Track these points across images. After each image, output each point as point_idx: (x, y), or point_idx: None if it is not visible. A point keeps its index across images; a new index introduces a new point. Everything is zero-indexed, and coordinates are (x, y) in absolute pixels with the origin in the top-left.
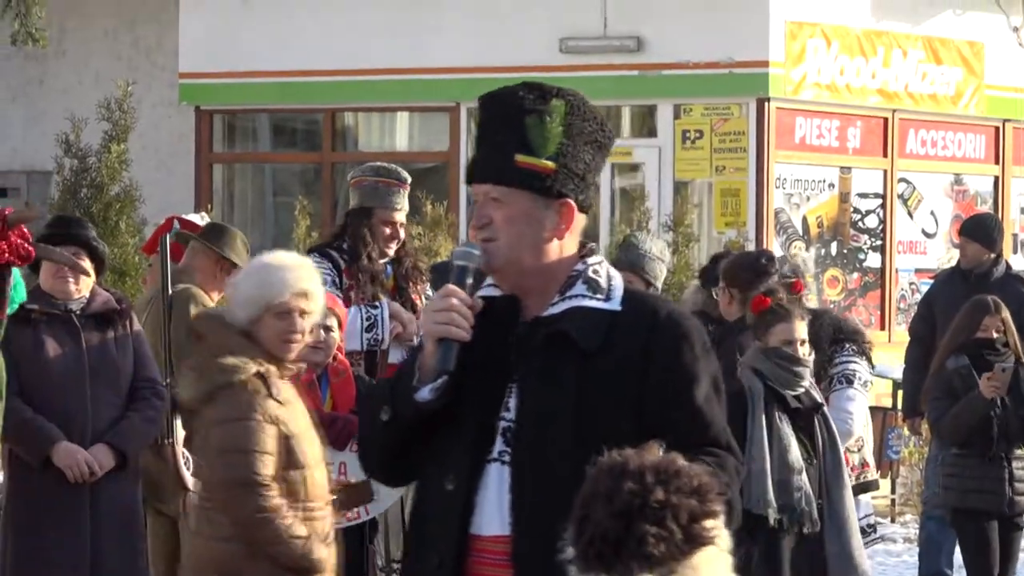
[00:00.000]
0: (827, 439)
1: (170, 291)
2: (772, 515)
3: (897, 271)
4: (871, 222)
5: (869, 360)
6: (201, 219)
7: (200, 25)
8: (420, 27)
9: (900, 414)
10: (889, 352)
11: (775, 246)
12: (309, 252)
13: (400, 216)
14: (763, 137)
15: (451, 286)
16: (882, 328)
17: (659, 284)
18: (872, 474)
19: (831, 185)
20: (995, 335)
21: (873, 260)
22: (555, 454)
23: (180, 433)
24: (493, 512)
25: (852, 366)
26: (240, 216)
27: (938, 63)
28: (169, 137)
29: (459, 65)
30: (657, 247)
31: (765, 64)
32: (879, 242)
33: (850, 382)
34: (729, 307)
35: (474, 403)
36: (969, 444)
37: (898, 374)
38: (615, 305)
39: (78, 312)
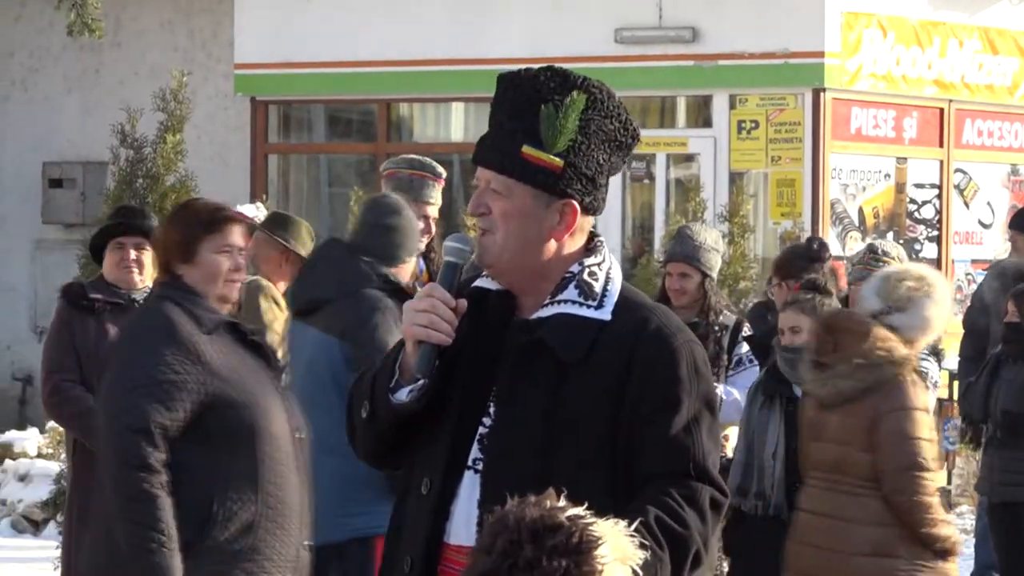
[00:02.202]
0: None
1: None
2: (741, 502)
3: (953, 262)
4: (927, 213)
5: (939, 361)
6: (256, 210)
7: (255, 16)
8: (476, 18)
9: (956, 405)
10: (945, 342)
11: (831, 237)
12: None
13: (433, 210)
14: (819, 127)
15: (435, 285)
16: None
17: (715, 274)
18: None
19: (887, 176)
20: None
21: (929, 251)
22: (519, 467)
23: None
24: (461, 521)
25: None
26: (295, 207)
27: (994, 53)
28: (224, 128)
29: (514, 56)
30: (712, 237)
31: (821, 55)
32: (935, 233)
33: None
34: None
35: (455, 406)
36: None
37: (954, 365)
38: (605, 314)
39: (141, 302)
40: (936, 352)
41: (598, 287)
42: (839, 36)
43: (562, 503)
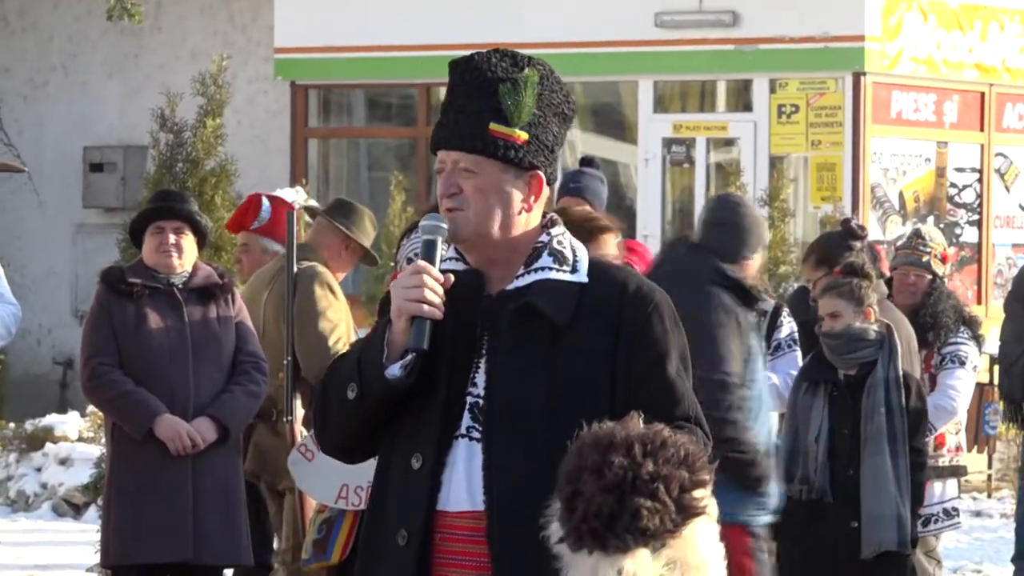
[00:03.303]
0: (871, 409)
1: (295, 268)
2: (787, 487)
3: (994, 246)
4: (968, 197)
5: (980, 347)
6: (296, 194)
7: (295, 0)
8: (516, 2)
9: (996, 389)
10: (986, 327)
11: (871, 221)
12: (412, 228)
13: None
14: (859, 111)
15: (422, 262)
16: (979, 303)
17: None
18: (964, 459)
19: (927, 160)
20: None
21: (970, 235)
22: (528, 430)
23: (299, 412)
24: (461, 488)
25: (964, 348)
26: (335, 191)
27: None
28: (264, 112)
29: (554, 40)
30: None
31: (861, 38)
32: (976, 217)
33: (962, 363)
34: None
35: (440, 379)
36: None
37: (995, 349)
38: (582, 277)
39: (180, 286)
40: (977, 337)
41: (569, 254)
42: (879, 20)
43: (645, 424)
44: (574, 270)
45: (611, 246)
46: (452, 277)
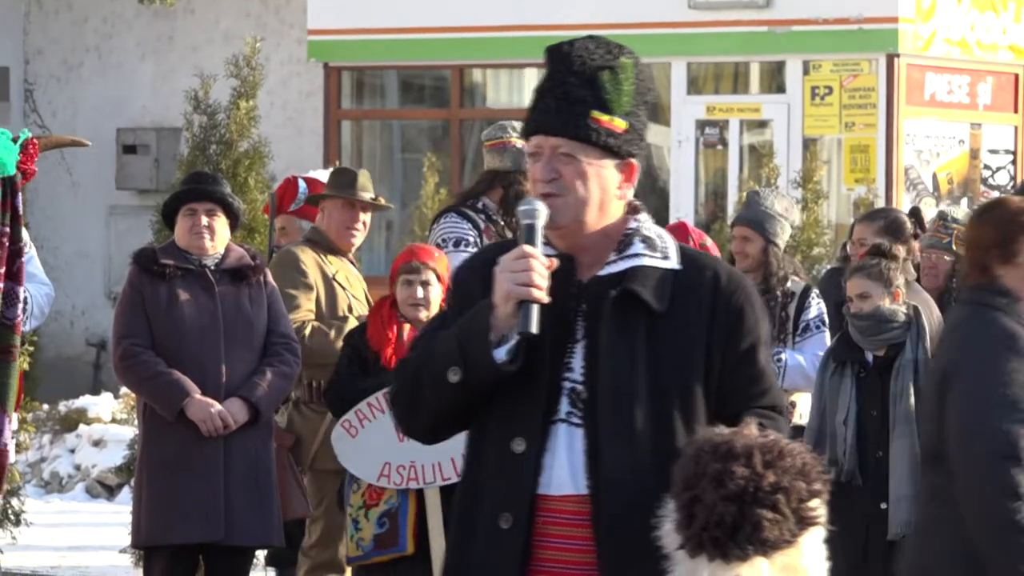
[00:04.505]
0: (899, 390)
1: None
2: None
3: None
4: (1001, 178)
5: None
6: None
7: None
8: None
9: None
10: None
11: (904, 203)
12: (444, 212)
13: None
14: (893, 93)
15: (527, 247)
16: None
17: (780, 243)
18: None
19: (961, 141)
20: None
21: None
22: (631, 415)
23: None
24: (563, 472)
25: None
26: (368, 172)
27: None
28: (298, 94)
29: (587, 22)
30: (782, 205)
31: (895, 20)
32: None
33: None
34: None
35: (540, 364)
36: None
37: None
38: (674, 264)
39: (212, 268)
40: None
41: (658, 240)
42: (913, 1)
43: (760, 431)
44: (665, 256)
45: None
46: (556, 261)
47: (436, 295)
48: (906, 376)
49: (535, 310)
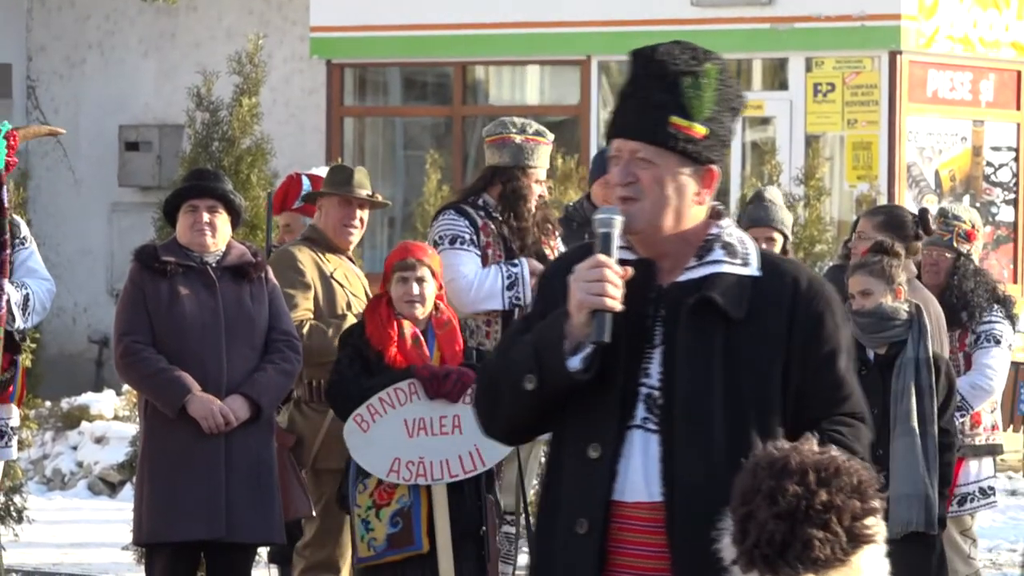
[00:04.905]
0: (900, 389)
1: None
2: None
3: None
4: (1004, 175)
5: (1014, 326)
6: None
7: None
8: None
9: None
10: (1020, 305)
11: (907, 200)
12: (444, 209)
13: (543, 175)
14: (895, 90)
15: (601, 256)
16: (1015, 282)
17: (790, 235)
18: (1000, 437)
19: (963, 138)
20: None
21: (1006, 214)
22: (706, 422)
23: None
24: (637, 479)
25: (999, 327)
26: (370, 169)
27: None
28: (300, 91)
29: (590, 19)
30: (780, 197)
31: (897, 17)
32: (1012, 196)
33: (997, 342)
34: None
35: (616, 370)
36: None
37: None
38: (754, 271)
39: (214, 265)
40: (1011, 315)
41: (739, 247)
42: None
43: (819, 446)
44: (745, 263)
45: None
46: (631, 270)
47: (431, 291)
48: (907, 374)
49: (608, 319)
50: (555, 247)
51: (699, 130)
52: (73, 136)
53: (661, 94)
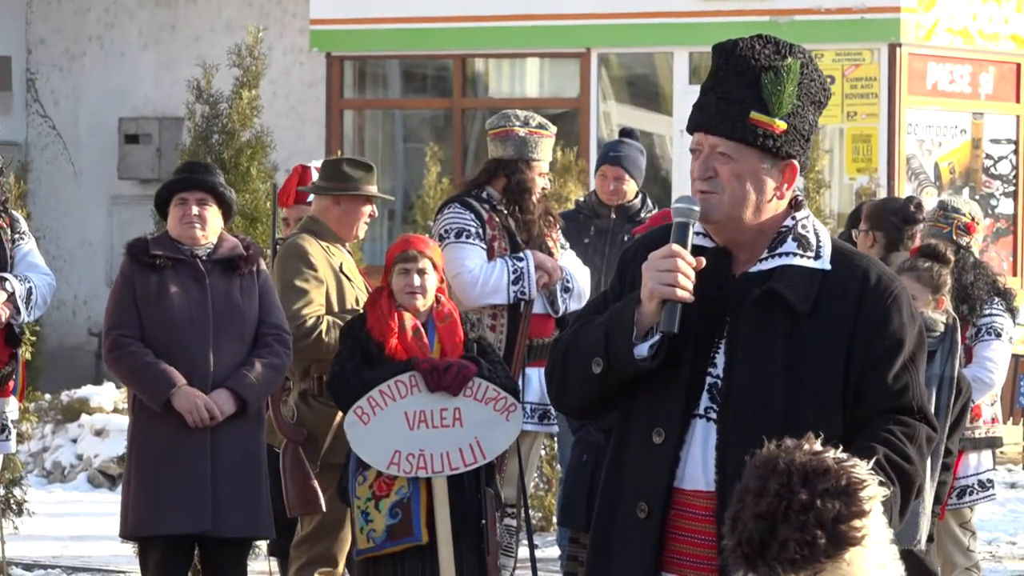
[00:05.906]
0: None
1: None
2: None
3: None
4: (1003, 168)
5: (1015, 319)
6: None
7: None
8: None
9: None
10: (1021, 298)
11: (906, 192)
12: (448, 202)
13: (546, 167)
14: (895, 83)
15: (675, 246)
16: (1014, 274)
17: None
18: (999, 430)
19: (963, 131)
20: None
21: (1006, 206)
22: (763, 414)
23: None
24: (697, 467)
25: (1000, 320)
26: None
27: None
28: (300, 84)
29: (590, 11)
30: None
31: (897, 10)
32: (1011, 188)
33: (998, 335)
34: (870, 250)
35: (684, 358)
36: None
37: None
38: (825, 264)
39: (204, 258)
40: (1012, 308)
41: (813, 239)
42: None
43: (821, 446)
44: (817, 256)
45: None
46: (703, 260)
47: (432, 283)
48: (929, 390)
49: (678, 310)
50: (556, 239)
51: (779, 125)
52: (73, 129)
53: (741, 89)
